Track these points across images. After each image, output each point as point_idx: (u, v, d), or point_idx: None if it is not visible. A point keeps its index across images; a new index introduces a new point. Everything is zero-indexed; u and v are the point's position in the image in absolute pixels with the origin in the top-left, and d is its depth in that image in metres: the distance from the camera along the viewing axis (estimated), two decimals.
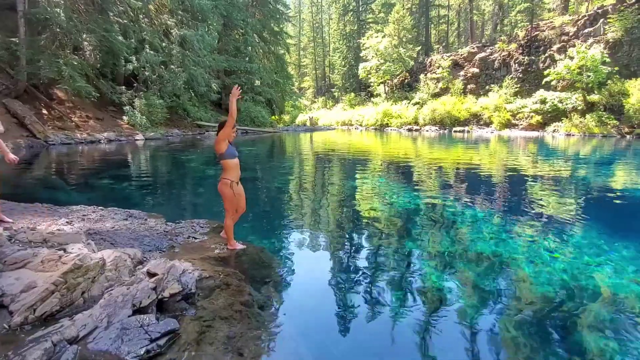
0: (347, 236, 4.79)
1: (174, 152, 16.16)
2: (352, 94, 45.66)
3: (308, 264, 3.93)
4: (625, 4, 23.09)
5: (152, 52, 22.27)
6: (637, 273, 3.74)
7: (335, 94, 53.24)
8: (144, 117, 21.56)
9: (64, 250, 2.83)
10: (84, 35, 18.96)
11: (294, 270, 3.74)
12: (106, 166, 11.56)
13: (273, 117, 36.06)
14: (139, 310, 2.41)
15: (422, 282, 3.55)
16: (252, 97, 30.88)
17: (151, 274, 2.76)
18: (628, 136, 19.82)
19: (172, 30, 23.85)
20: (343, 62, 51.41)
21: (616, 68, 21.56)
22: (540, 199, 7.14)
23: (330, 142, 23.08)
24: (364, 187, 8.35)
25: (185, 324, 2.31)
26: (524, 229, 5.18)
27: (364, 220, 5.54)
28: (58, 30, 17.69)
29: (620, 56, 22.17)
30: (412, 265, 3.96)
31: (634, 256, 4.17)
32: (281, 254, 4.17)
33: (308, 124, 41.94)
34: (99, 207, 5.09)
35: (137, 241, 3.77)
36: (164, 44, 23.39)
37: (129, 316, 2.32)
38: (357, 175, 10.16)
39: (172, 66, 23.28)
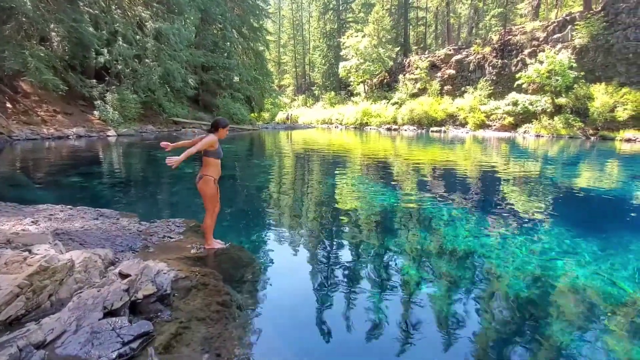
0: (326, 234, 4.81)
1: (148, 149, 15.68)
2: (332, 93, 45.79)
3: (287, 263, 3.92)
4: (591, 11, 24.31)
5: (125, 44, 21.47)
6: (599, 266, 3.96)
7: (316, 92, 53.21)
8: (117, 112, 20.78)
9: (29, 251, 2.69)
10: (52, 25, 18.04)
11: (273, 269, 3.72)
12: (75, 163, 11.06)
13: (252, 114, 35.63)
14: (110, 313, 2.33)
15: (400, 279, 3.62)
16: (230, 94, 30.38)
17: (123, 275, 2.67)
18: (592, 138, 20.92)
19: (146, 23, 23.07)
20: (323, 61, 51.42)
21: (582, 73, 22.68)
22: (512, 198, 7.43)
23: (310, 140, 23.07)
24: (343, 186, 8.40)
25: (160, 326, 2.25)
26: (496, 226, 5.37)
27: (343, 219, 5.57)
28: (24, 19, 16.74)
29: (586, 61, 23.33)
30: (390, 262, 4.02)
31: (596, 251, 4.41)
32: (260, 252, 4.14)
33: (288, 122, 41.76)
34: (68, 206, 4.87)
35: (109, 241, 3.64)
36: (137, 36, 22.60)
37: (99, 319, 2.23)
38: (337, 174, 10.21)
39: (146, 60, 22.54)
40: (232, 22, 30.99)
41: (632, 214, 6.41)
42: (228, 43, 30.98)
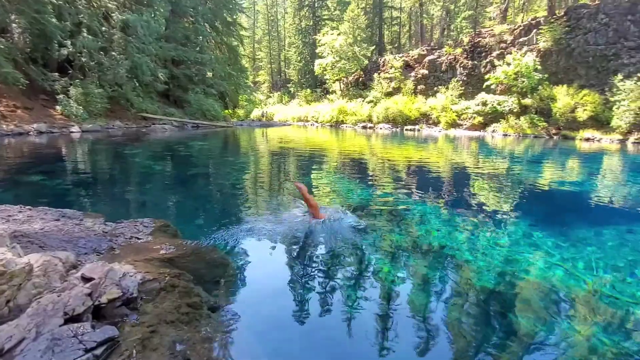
0: (300, 233, 4.78)
1: (115, 146, 15.03)
2: (308, 90, 45.68)
3: (261, 263, 3.86)
4: (554, 17, 25.57)
5: (90, 36, 20.43)
6: (562, 259, 4.18)
7: (291, 89, 52.86)
8: (81, 107, 19.75)
9: None
10: (12, 17, 16.89)
11: (246, 269, 3.65)
12: (36, 161, 10.42)
13: (226, 111, 34.93)
14: (72, 319, 2.21)
15: (375, 275, 3.65)
16: (203, 90, 29.60)
17: (86, 279, 2.53)
18: (555, 137, 22.06)
19: (113, 14, 22.06)
20: (299, 58, 51.15)
21: (546, 75, 23.83)
22: (481, 194, 7.70)
23: (286, 138, 22.92)
24: (319, 183, 8.40)
25: (126, 331, 2.15)
26: (466, 221, 5.55)
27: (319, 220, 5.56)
28: None
29: (550, 64, 24.53)
30: (365, 258, 4.05)
31: (558, 244, 4.65)
32: (233, 252, 4.05)
33: (264, 119, 41.29)
34: (27, 207, 4.56)
35: (71, 243, 3.44)
36: (103, 28, 21.57)
37: (60, 325, 2.12)
38: (313, 172, 10.20)
39: (113, 53, 21.56)
40: (205, 16, 30.18)
41: (590, 209, 6.82)
42: (200, 37, 30.16)
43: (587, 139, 20.50)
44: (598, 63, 22.58)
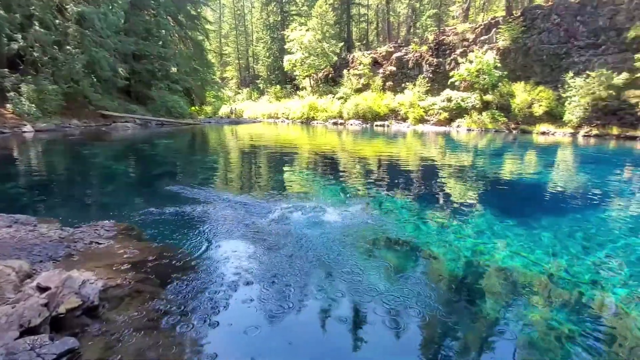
0: (270, 230, 4.73)
1: (73, 146, 14.17)
2: (278, 87, 45.18)
3: (231, 263, 3.77)
4: (512, 17, 26.84)
5: (42, 29, 19.04)
6: (523, 247, 4.43)
7: (261, 85, 52.04)
8: (34, 105, 18.41)
9: None
10: None
11: (216, 269, 3.56)
12: None
13: (193, 107, 33.85)
14: (28, 331, 2.08)
15: (344, 268, 3.69)
16: (167, 86, 28.44)
17: (42, 289, 2.38)
18: (514, 131, 23.26)
19: (67, 6, 20.67)
20: (267, 53, 50.42)
21: (505, 72, 25.02)
22: (447, 187, 7.99)
23: (256, 135, 22.60)
24: (290, 181, 8.36)
25: (87, 341, 2.04)
26: (434, 214, 5.74)
27: (288, 214, 5.54)
28: None
29: (508, 62, 25.76)
30: (334, 252, 4.08)
31: (519, 234, 4.92)
32: (203, 253, 3.94)
33: (232, 116, 40.43)
34: None
35: (25, 251, 3.21)
36: (57, 21, 20.17)
37: (15, 339, 1.98)
38: (284, 169, 10.14)
39: (68, 47, 20.22)
40: (167, 9, 28.97)
41: (546, 199, 7.28)
42: (163, 31, 28.91)
43: (543, 133, 21.78)
44: (551, 61, 23.99)
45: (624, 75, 19.20)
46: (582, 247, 4.47)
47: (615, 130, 19.32)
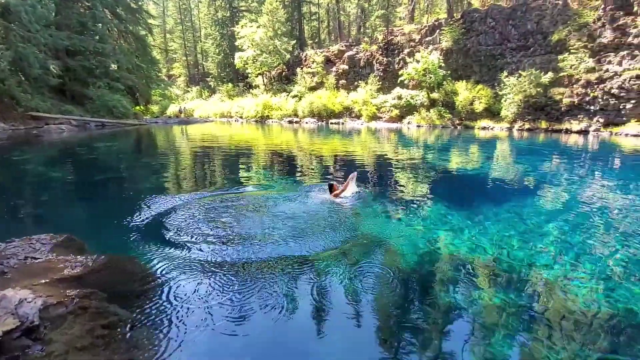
0: (226, 235, 4.61)
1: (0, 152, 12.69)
2: (230, 85, 43.91)
3: (184, 270, 3.59)
4: (453, 19, 28.56)
5: None
6: (470, 235, 4.75)
7: (211, 83, 50.21)
8: None
9: None
10: None
11: (169, 279, 3.39)
12: None
13: (137, 107, 31.82)
14: None
15: (305, 266, 3.70)
16: (107, 84, 26.39)
17: None
18: (458, 127, 24.84)
19: None
20: (217, 50, 48.75)
21: (449, 71, 26.62)
22: (401, 181, 8.33)
23: (209, 135, 21.82)
24: (244, 182, 8.20)
25: None
26: (389, 207, 5.96)
27: (243, 216, 5.43)
28: None
29: (451, 62, 27.43)
30: (293, 250, 4.07)
31: (466, 222, 5.28)
32: (154, 262, 3.72)
33: (182, 115, 38.60)
34: None
35: None
36: None
37: None
38: (239, 170, 9.91)
39: None
40: (103, 1, 26.86)
41: (488, 188, 7.88)
42: (99, 24, 26.72)
43: (484, 128, 23.50)
44: (488, 61, 25.93)
45: (550, 74, 21.31)
46: (519, 233, 4.90)
47: (544, 124, 21.39)
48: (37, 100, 21.73)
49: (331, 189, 6.36)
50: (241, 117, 36.03)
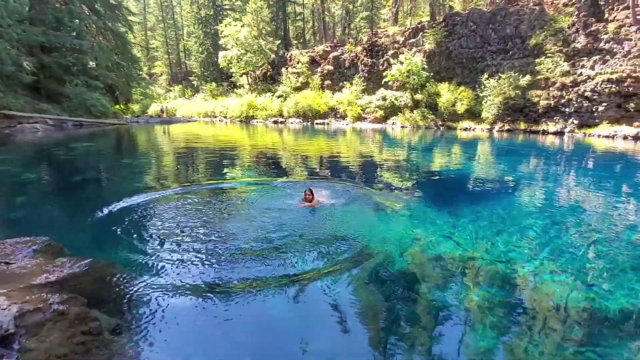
0: (208, 236, 4.56)
1: None
2: (214, 84, 43.30)
3: (167, 274, 3.54)
4: (435, 22, 29.06)
5: None
6: (451, 232, 4.86)
7: (195, 82, 49.40)
8: None
9: None
10: None
11: (152, 282, 3.32)
12: None
13: (117, 106, 30.98)
14: None
15: (288, 266, 3.70)
16: (85, 82, 25.55)
17: None
18: (441, 128, 25.30)
19: None
20: (200, 49, 47.98)
21: (432, 73, 27.07)
22: (386, 181, 8.42)
23: (192, 135, 21.48)
24: (228, 183, 8.12)
25: None
26: (375, 207, 6.01)
27: (226, 217, 5.38)
28: None
29: (434, 64, 27.90)
30: (275, 251, 4.06)
31: (448, 221, 5.39)
32: (134, 266, 3.64)
33: (164, 115, 37.82)
34: None
35: None
36: None
37: None
38: (223, 172, 9.80)
39: None
40: None
41: (469, 188, 8.07)
42: (77, 20, 25.86)
43: (465, 129, 24.01)
44: (470, 64, 26.51)
45: (528, 77, 21.95)
46: (498, 231, 5.05)
47: (522, 126, 22.01)
48: (10, 99, 20.81)
49: (307, 195, 5.83)
50: (225, 117, 35.61)
